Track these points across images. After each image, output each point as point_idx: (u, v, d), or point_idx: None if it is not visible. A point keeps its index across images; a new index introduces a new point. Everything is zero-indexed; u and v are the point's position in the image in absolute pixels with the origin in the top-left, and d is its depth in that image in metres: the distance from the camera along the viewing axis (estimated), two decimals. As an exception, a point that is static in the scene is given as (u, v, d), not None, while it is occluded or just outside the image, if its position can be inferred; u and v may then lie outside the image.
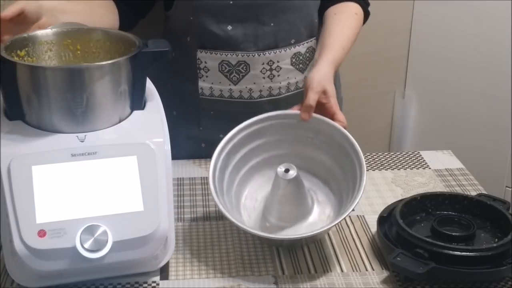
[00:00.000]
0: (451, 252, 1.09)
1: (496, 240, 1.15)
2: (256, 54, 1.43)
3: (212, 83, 1.47)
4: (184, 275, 1.13)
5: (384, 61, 2.43)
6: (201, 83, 1.48)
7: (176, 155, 1.49)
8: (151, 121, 1.15)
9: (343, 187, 1.22)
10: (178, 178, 1.42)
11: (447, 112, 2.47)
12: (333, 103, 1.29)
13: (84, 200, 1.03)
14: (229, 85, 1.46)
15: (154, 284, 1.10)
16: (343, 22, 1.46)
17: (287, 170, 1.18)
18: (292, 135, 1.28)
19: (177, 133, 1.52)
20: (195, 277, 1.12)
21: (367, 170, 1.47)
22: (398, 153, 1.57)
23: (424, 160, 1.53)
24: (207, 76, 1.46)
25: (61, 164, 1.04)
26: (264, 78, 1.46)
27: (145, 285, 1.10)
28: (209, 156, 1.51)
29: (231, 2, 1.39)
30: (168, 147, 1.12)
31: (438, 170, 1.48)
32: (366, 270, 1.15)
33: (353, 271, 1.14)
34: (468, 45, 2.36)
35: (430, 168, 1.49)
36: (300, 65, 1.49)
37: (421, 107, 2.52)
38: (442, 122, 2.49)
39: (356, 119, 2.45)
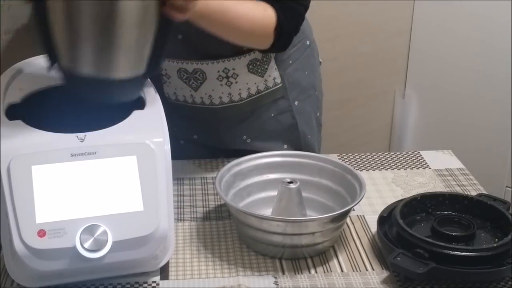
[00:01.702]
0: (451, 252, 1.09)
1: (496, 240, 1.15)
2: (210, 62, 1.40)
3: (176, 89, 1.46)
4: (184, 275, 1.13)
5: (384, 61, 2.44)
6: (165, 88, 1.47)
7: None
8: (151, 121, 1.15)
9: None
10: (178, 178, 1.42)
11: (447, 112, 2.47)
12: None
13: (84, 200, 1.03)
14: (190, 91, 1.45)
15: (154, 284, 1.10)
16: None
17: (290, 182, 1.20)
18: (297, 175, 1.28)
19: None
20: (195, 277, 1.12)
21: (367, 170, 1.48)
22: (398, 153, 1.57)
23: (424, 160, 1.53)
24: (169, 82, 1.45)
25: (61, 164, 1.04)
26: (222, 85, 1.44)
27: (145, 285, 1.10)
28: (188, 153, 1.50)
29: None
30: (168, 147, 1.12)
31: (438, 170, 1.48)
32: (366, 270, 1.15)
33: (353, 271, 1.14)
34: (468, 45, 2.36)
35: (430, 168, 1.49)
36: (259, 70, 1.45)
37: (421, 107, 2.52)
38: (442, 122, 2.50)
39: (356, 119, 2.46)
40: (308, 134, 1.55)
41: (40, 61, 1.31)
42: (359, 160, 1.53)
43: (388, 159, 1.54)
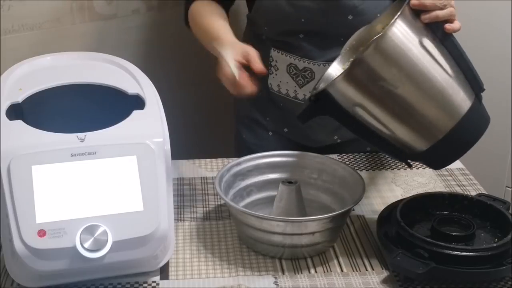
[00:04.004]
0: (451, 252, 1.09)
1: (496, 240, 1.15)
2: (321, 64, 1.45)
3: (280, 81, 1.52)
4: (184, 275, 1.13)
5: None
6: (270, 80, 1.53)
7: (246, 139, 1.59)
8: (151, 121, 1.15)
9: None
10: (178, 178, 1.42)
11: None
12: None
13: (84, 200, 1.03)
14: (295, 87, 1.50)
15: (154, 284, 1.10)
16: None
17: (290, 182, 1.21)
18: (297, 175, 1.29)
19: (246, 119, 1.61)
20: (195, 277, 1.13)
21: (367, 170, 1.48)
22: (398, 153, 1.57)
23: (424, 160, 1.53)
24: (276, 74, 1.51)
25: (61, 164, 1.05)
26: None
27: (145, 285, 1.10)
28: (273, 146, 1.51)
29: (302, 20, 1.42)
30: (168, 147, 1.12)
31: (438, 170, 1.48)
32: (366, 270, 1.15)
33: (353, 271, 1.14)
34: (468, 45, 2.34)
35: (430, 168, 1.49)
36: None
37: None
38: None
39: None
40: None
41: (40, 61, 1.31)
42: (359, 160, 1.53)
43: (388, 159, 1.53)
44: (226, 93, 1.34)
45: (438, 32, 1.14)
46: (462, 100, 1.14)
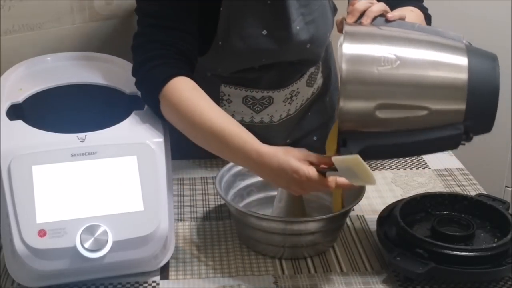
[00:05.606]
0: (450, 252, 1.09)
1: (496, 240, 1.15)
2: (281, 90, 1.43)
3: (234, 111, 1.44)
4: (184, 275, 1.13)
5: (384, 61, 2.43)
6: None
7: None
8: (151, 121, 1.15)
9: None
10: (178, 178, 1.42)
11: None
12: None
13: (84, 200, 1.04)
14: (251, 113, 1.45)
15: (154, 284, 1.10)
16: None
17: None
18: None
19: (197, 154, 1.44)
20: (195, 277, 1.13)
21: (367, 170, 1.48)
22: (398, 153, 1.57)
23: (423, 160, 1.53)
24: (229, 105, 1.44)
25: (61, 164, 1.05)
26: (285, 105, 1.46)
27: (145, 284, 1.10)
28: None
29: (263, 60, 1.36)
30: (168, 147, 1.12)
31: (438, 170, 1.48)
32: (366, 270, 1.15)
33: (353, 271, 1.15)
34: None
35: (429, 168, 1.49)
36: (312, 82, 1.50)
37: (420, 107, 2.51)
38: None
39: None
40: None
41: (40, 61, 1.31)
42: (358, 160, 1.53)
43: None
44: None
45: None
46: (458, 49, 1.18)
